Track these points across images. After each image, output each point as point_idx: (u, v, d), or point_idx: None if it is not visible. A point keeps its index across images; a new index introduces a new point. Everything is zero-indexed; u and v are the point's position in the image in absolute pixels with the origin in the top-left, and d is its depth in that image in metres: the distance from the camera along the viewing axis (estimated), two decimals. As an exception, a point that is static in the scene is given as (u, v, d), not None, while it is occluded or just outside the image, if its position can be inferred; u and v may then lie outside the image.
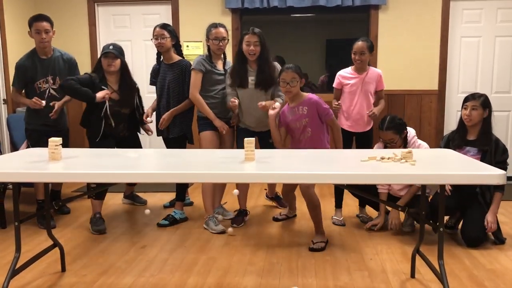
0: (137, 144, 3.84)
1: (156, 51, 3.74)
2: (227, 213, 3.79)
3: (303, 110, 3.15)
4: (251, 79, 3.39)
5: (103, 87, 3.45)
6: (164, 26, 3.62)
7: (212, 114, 3.49)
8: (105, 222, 3.55)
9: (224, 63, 3.64)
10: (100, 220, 3.50)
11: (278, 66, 3.44)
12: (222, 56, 3.63)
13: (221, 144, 3.62)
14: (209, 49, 3.56)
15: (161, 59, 3.74)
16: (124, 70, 3.56)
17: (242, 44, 3.36)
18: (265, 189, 4.14)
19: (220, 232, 3.38)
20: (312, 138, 3.17)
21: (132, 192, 4.28)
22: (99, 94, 3.39)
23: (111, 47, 3.48)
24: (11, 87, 3.83)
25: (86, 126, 3.59)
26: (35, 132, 3.72)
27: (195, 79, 3.48)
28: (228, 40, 3.57)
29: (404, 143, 3.25)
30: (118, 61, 3.47)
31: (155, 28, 3.63)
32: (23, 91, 3.77)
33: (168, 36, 3.60)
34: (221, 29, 3.49)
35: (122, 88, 3.55)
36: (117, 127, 3.57)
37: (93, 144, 3.52)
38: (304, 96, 3.19)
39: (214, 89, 3.53)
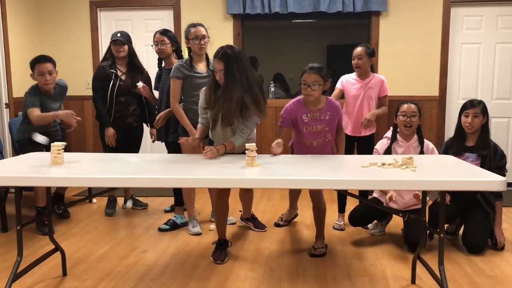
0: (139, 140, 4.09)
1: (157, 57, 3.77)
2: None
3: (326, 115, 2.93)
4: None
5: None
6: (164, 32, 3.65)
7: (190, 126, 3.33)
8: (106, 226, 3.58)
9: (208, 64, 3.47)
10: (112, 202, 4.09)
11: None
12: (205, 56, 3.49)
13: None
14: (189, 53, 3.46)
15: (163, 65, 3.76)
16: (131, 55, 3.93)
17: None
18: (240, 211, 3.77)
19: (196, 234, 3.48)
20: (329, 143, 3.05)
21: (132, 196, 4.29)
22: (109, 132, 3.85)
23: (118, 34, 3.83)
24: (16, 81, 3.79)
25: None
26: (29, 146, 3.59)
27: (174, 88, 3.38)
28: (209, 38, 3.44)
29: (419, 132, 3.27)
30: (126, 47, 3.85)
31: (155, 34, 3.67)
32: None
33: (168, 42, 3.63)
34: (201, 28, 3.39)
35: (130, 71, 3.92)
36: (128, 107, 3.89)
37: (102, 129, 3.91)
38: (324, 99, 2.94)
39: (195, 94, 3.33)
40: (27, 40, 5.09)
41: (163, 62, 3.77)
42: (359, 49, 3.55)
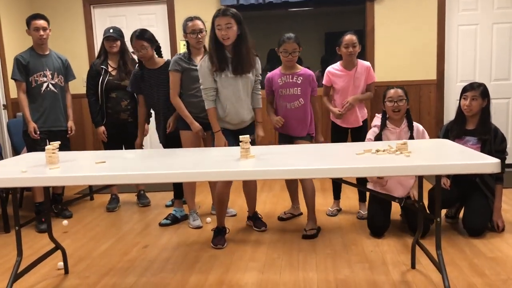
0: (136, 136, 4.02)
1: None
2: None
3: (298, 79, 3.29)
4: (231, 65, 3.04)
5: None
6: (140, 36, 3.48)
7: (190, 117, 3.37)
8: (108, 223, 3.63)
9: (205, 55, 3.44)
10: (114, 200, 4.20)
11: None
12: (203, 50, 3.50)
13: (204, 144, 3.59)
14: (188, 46, 3.47)
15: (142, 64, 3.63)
16: (123, 50, 4.00)
17: (215, 29, 2.98)
18: (247, 211, 3.62)
19: (196, 227, 3.49)
20: (303, 108, 3.31)
21: (140, 191, 4.32)
22: (100, 130, 4.00)
23: (111, 30, 3.93)
24: (13, 81, 3.79)
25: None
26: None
27: (173, 81, 3.39)
28: (206, 31, 3.40)
29: (408, 117, 3.19)
30: (118, 43, 3.95)
31: (131, 40, 3.51)
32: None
33: (148, 44, 3.50)
34: (198, 21, 3.40)
35: (121, 66, 3.98)
36: (120, 102, 3.94)
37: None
38: (299, 67, 3.35)
39: (194, 87, 3.37)
40: (21, 41, 5.07)
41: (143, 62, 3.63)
42: (352, 37, 3.43)
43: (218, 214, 3.22)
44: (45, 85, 3.77)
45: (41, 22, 3.72)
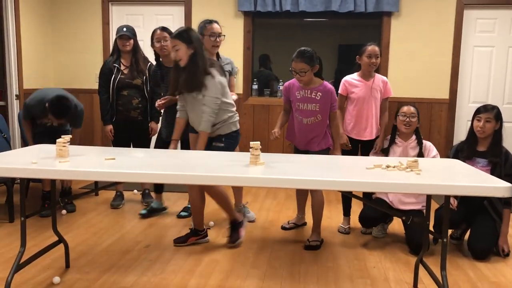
0: (146, 134, 4.09)
1: (154, 56, 3.78)
2: (250, 214, 3.77)
3: (317, 95, 3.15)
4: None
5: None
6: (165, 29, 3.68)
7: None
8: (111, 220, 3.64)
9: (218, 61, 3.48)
10: (119, 197, 4.17)
11: (214, 74, 2.94)
12: (216, 54, 3.51)
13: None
14: None
15: (160, 62, 3.71)
16: (135, 49, 4.01)
17: None
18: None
19: None
20: (320, 124, 3.20)
21: (145, 190, 4.30)
22: (107, 128, 4.01)
23: (124, 29, 3.94)
24: (27, 72, 3.95)
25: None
26: (38, 134, 3.88)
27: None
28: (224, 36, 3.46)
29: (417, 134, 3.31)
30: (131, 41, 3.95)
31: (155, 31, 3.66)
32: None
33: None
34: (217, 25, 3.41)
35: (132, 64, 3.99)
36: (131, 100, 3.94)
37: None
38: (318, 82, 3.18)
39: None
40: (39, 33, 5.12)
41: (160, 59, 3.73)
42: (376, 48, 3.40)
43: (193, 217, 3.25)
44: (48, 125, 3.89)
45: (62, 121, 3.73)
